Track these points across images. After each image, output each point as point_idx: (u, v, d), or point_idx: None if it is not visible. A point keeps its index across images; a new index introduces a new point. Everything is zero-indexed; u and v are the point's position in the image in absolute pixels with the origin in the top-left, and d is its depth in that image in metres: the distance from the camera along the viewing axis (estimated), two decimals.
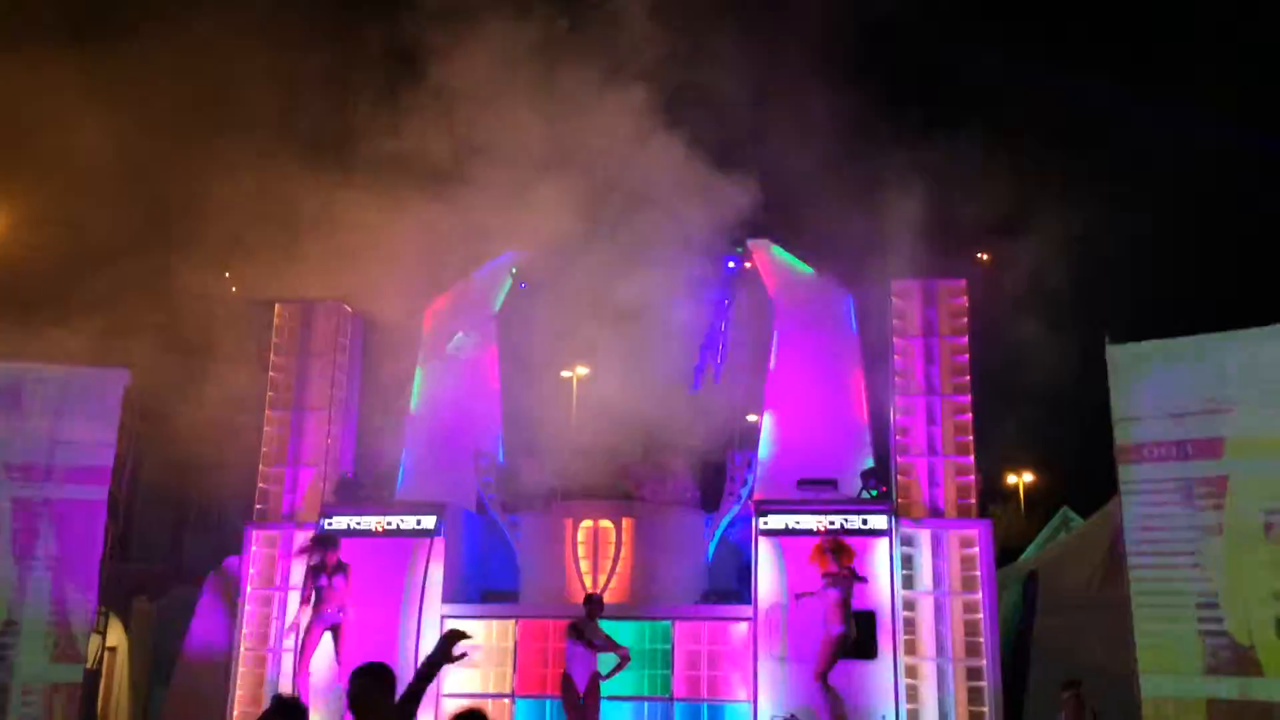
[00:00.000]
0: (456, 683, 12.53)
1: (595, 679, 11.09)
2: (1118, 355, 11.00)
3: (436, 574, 12.56)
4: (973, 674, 11.71)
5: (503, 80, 13.44)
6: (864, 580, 11.35)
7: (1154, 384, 10.80)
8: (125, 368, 11.88)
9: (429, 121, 13.31)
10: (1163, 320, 11.04)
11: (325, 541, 12.09)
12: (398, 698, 4.87)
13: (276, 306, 14.13)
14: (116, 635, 13.74)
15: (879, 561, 11.89)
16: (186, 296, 13.52)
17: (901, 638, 11.68)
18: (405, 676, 11.02)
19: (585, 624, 11.21)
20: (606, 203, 13.60)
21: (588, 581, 12.92)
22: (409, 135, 13.22)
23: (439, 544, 12.60)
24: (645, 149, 13.27)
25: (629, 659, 11.27)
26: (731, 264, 15.47)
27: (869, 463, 13.13)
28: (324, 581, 11.88)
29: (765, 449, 13.69)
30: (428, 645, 12.15)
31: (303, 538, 12.59)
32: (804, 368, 13.91)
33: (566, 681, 11.11)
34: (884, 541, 11.96)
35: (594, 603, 11.41)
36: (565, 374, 20.31)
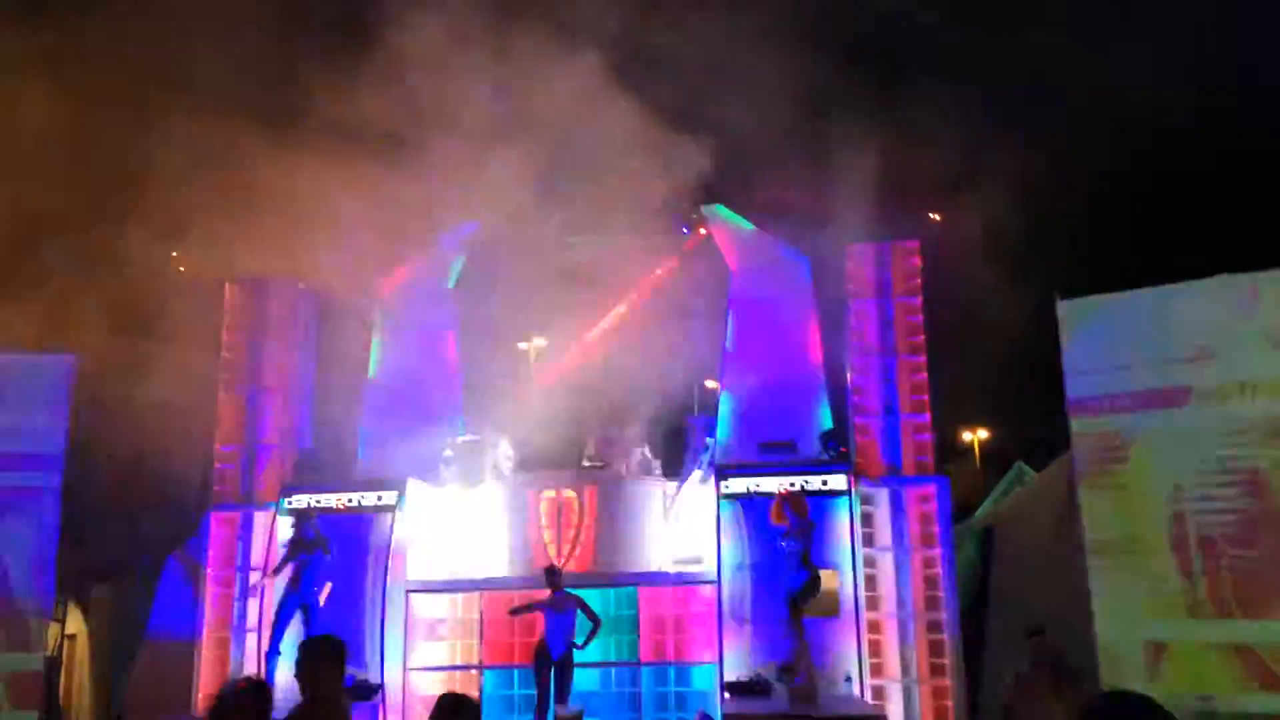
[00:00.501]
0: (423, 656, 12.57)
1: (570, 647, 11.21)
2: (1068, 310, 11.16)
3: (400, 549, 12.53)
4: (933, 627, 11.94)
5: (454, 46, 13.26)
6: (812, 526, 11.37)
7: (1104, 338, 10.99)
8: (71, 354, 11.66)
9: (379, 92, 13.11)
10: (1116, 274, 11.19)
11: (305, 516, 12.02)
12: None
13: (227, 285, 13.94)
14: (76, 623, 13.60)
15: (839, 521, 12.05)
16: (134, 276, 13.24)
17: (863, 594, 11.86)
18: (373, 654, 11.01)
19: (559, 595, 11.33)
20: (560, 172, 13.52)
21: (551, 551, 12.98)
22: (360, 106, 13.01)
23: (401, 519, 12.57)
24: (598, 116, 13.18)
25: (600, 625, 11.41)
26: (685, 231, 15.48)
27: (827, 424, 13.26)
28: (304, 558, 11.81)
29: (725, 414, 13.77)
30: (393, 623, 12.20)
31: (265, 518, 12.52)
32: (761, 332, 13.97)
33: (540, 648, 11.22)
34: (844, 501, 12.11)
35: (552, 574, 11.51)
36: (522, 346, 20.27)
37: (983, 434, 27.50)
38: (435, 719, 4.20)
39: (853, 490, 12.13)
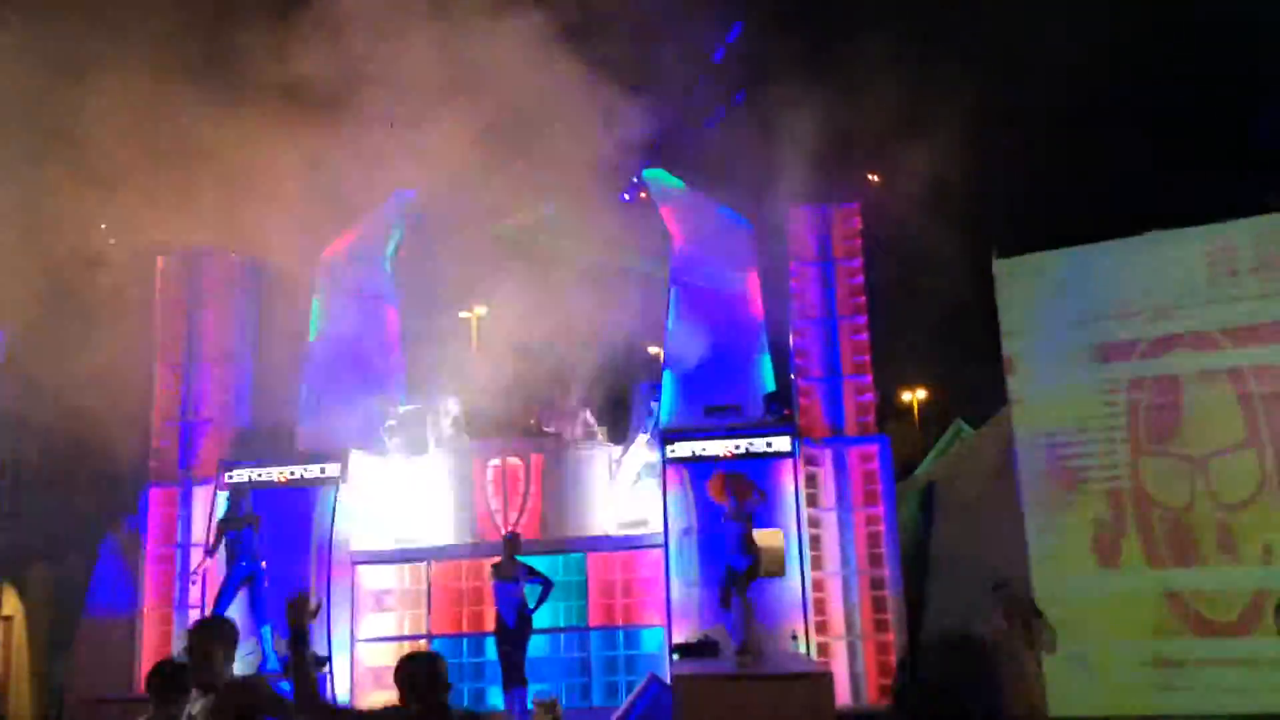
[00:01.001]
0: (371, 627, 12.54)
1: (524, 614, 11.21)
2: (1004, 269, 11.37)
3: (345, 521, 12.44)
4: (876, 583, 12.14)
5: (391, 4, 13.01)
6: (763, 498, 11.57)
7: (1038, 296, 11.22)
8: None
9: (316, 52, 12.82)
10: (1051, 232, 11.41)
11: (237, 493, 11.88)
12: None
13: (159, 258, 13.62)
14: (11, 604, 13.32)
15: (784, 482, 12.19)
16: (62, 248, 12.86)
17: (808, 554, 12.03)
18: (320, 627, 10.86)
19: (506, 563, 11.33)
20: (500, 135, 13.37)
21: (499, 519, 12.96)
22: (296, 66, 12.69)
23: (345, 491, 12.46)
24: (540, 78, 13.05)
25: (552, 586, 11.44)
26: (626, 197, 15.44)
27: (771, 387, 13.38)
28: (233, 535, 11.68)
29: (669, 378, 13.83)
30: (340, 595, 12.13)
31: (205, 494, 12.34)
32: (704, 296, 14.00)
33: (499, 622, 11.22)
34: (788, 462, 12.25)
35: (512, 541, 11.52)
36: (464, 315, 20.11)
37: (921, 394, 27.93)
38: (407, 673, 4.22)
39: (797, 451, 12.26)
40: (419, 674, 4.32)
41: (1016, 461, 11.09)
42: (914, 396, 28.00)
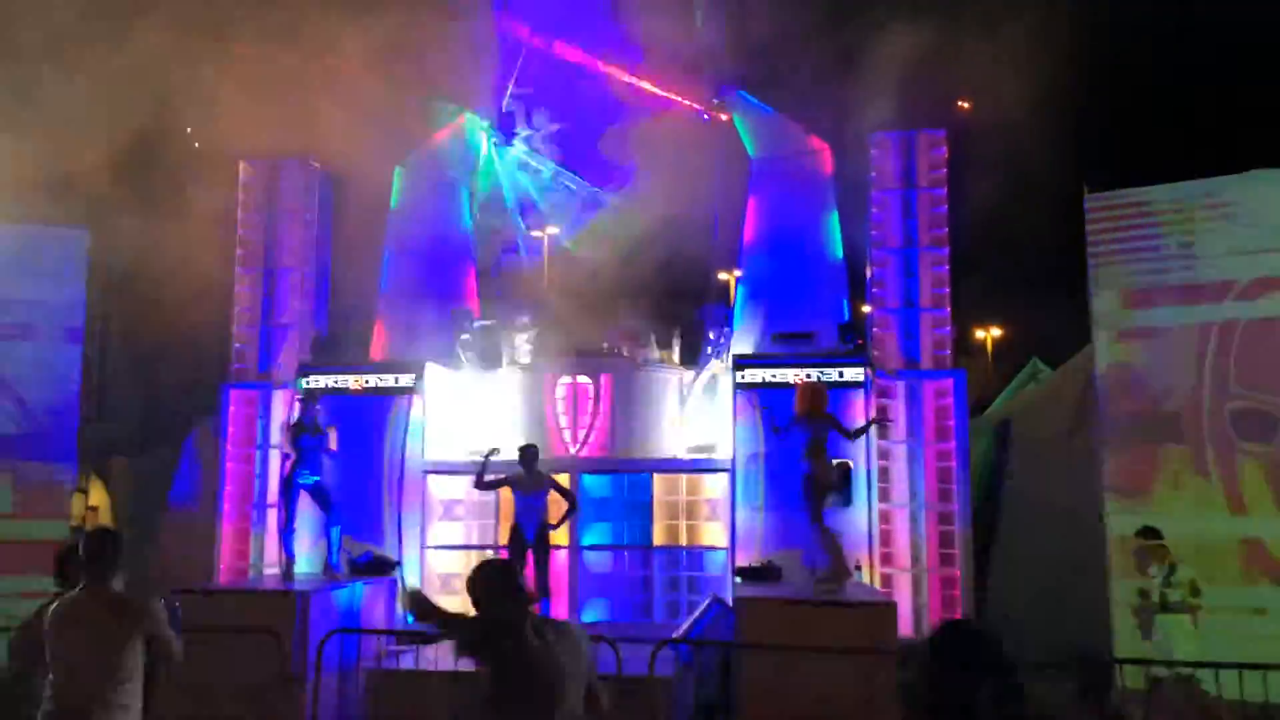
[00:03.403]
0: (441, 535, 12.79)
1: (545, 528, 11.16)
2: (1096, 204, 11.01)
3: (417, 431, 12.63)
4: (944, 518, 12.05)
5: None
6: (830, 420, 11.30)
7: (1130, 232, 10.86)
8: (84, 227, 11.62)
9: None
10: (1146, 166, 11.00)
11: (309, 399, 12.03)
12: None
13: (241, 164, 13.75)
14: (98, 494, 13.84)
15: (855, 413, 12.07)
16: (148, 153, 13.07)
17: (876, 485, 11.95)
18: (391, 532, 11.08)
19: (522, 476, 11.19)
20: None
21: (567, 436, 13.05)
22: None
23: (419, 401, 12.63)
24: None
25: (577, 508, 11.38)
26: (706, 117, 15.19)
27: (845, 316, 13.20)
28: (306, 442, 11.85)
29: (742, 303, 13.69)
30: (410, 503, 12.38)
31: (284, 397, 12.59)
32: (780, 221, 13.80)
33: (514, 532, 11.19)
34: (860, 394, 12.12)
35: (525, 453, 11.27)
36: (536, 234, 20.10)
37: (996, 331, 27.45)
38: (480, 581, 4.23)
39: (870, 383, 12.12)
40: (492, 582, 4.33)
41: (1099, 401, 10.83)
42: (988, 334, 27.53)
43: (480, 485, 11.19)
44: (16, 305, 11.16)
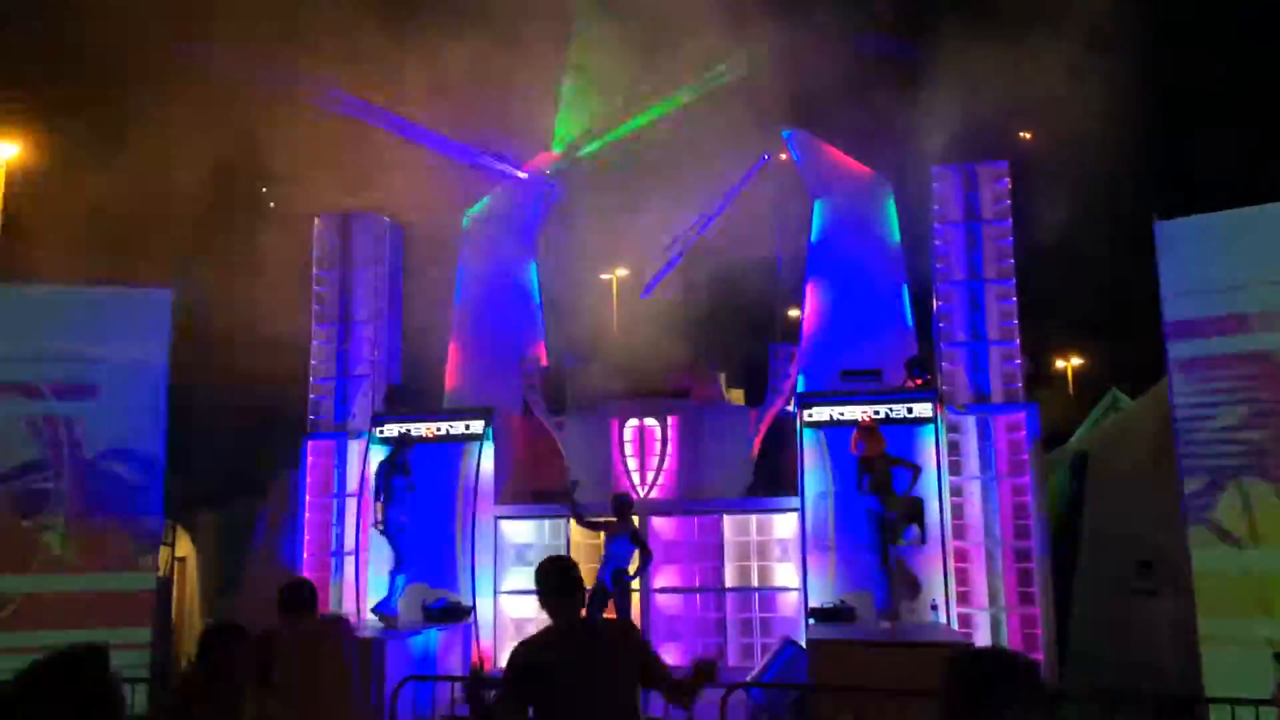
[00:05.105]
0: (513, 580, 12.90)
1: (622, 575, 11.21)
2: (1166, 231, 10.78)
3: (488, 477, 12.80)
4: (1021, 555, 11.79)
5: None
6: (886, 456, 11.17)
7: (1204, 259, 10.60)
8: (168, 288, 12.10)
9: (455, 25, 13.12)
10: (1211, 194, 10.75)
11: (405, 442, 12.23)
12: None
13: (315, 220, 14.20)
14: (184, 546, 14.25)
15: (925, 449, 11.93)
16: (227, 214, 13.59)
17: (950, 523, 11.76)
18: (465, 578, 11.17)
19: (613, 524, 11.33)
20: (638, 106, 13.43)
21: (635, 479, 13.11)
22: (436, 41, 13.03)
23: (489, 448, 12.82)
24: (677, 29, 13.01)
25: (652, 556, 11.50)
26: (766, 157, 15.28)
27: (913, 351, 13.08)
28: (398, 483, 12.02)
29: (807, 341, 13.66)
30: (482, 548, 12.52)
31: (359, 447, 12.88)
32: (844, 258, 13.78)
33: (598, 583, 11.23)
34: (930, 429, 11.97)
35: (624, 501, 11.50)
36: (605, 276, 20.34)
37: (1075, 361, 26.90)
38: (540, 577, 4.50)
39: (939, 418, 11.98)
40: (548, 579, 4.55)
41: (1176, 433, 10.54)
42: (1068, 364, 26.98)
43: (581, 522, 11.56)
44: (102, 366, 11.62)
